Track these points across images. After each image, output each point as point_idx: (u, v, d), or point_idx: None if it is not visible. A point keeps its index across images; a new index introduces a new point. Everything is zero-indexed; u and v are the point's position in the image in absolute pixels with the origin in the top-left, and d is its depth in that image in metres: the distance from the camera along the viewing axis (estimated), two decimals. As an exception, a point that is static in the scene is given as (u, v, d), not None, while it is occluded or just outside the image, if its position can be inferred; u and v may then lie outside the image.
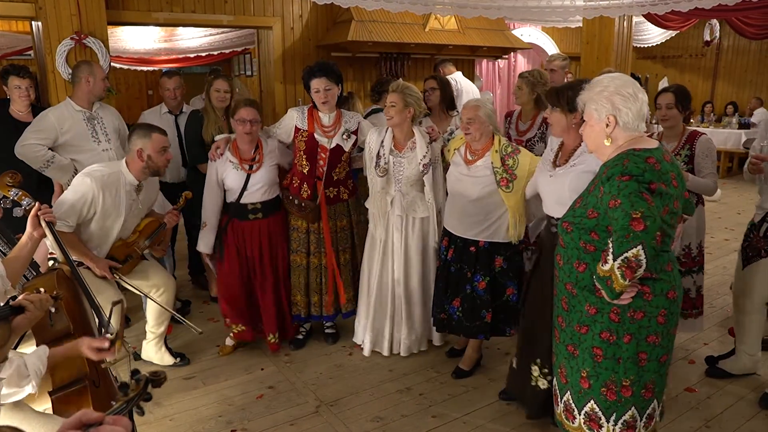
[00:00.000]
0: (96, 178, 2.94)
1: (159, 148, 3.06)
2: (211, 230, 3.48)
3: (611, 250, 1.86)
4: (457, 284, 3.22)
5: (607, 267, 1.89)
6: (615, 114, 1.98)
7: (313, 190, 3.48)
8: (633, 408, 2.07)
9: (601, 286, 1.94)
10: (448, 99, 4.04)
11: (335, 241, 3.57)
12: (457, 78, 5.51)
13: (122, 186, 3.04)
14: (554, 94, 2.59)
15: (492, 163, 3.06)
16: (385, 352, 3.53)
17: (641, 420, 2.10)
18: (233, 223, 3.47)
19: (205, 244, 3.51)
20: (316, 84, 3.30)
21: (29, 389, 1.86)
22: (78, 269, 2.55)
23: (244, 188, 3.39)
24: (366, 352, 3.57)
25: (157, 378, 1.20)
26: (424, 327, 3.58)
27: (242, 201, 3.42)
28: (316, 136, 3.40)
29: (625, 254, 1.83)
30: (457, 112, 4.12)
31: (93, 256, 2.99)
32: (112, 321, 2.30)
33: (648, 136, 2.15)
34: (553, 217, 2.65)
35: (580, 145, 2.55)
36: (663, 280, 1.99)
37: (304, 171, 3.47)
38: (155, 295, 3.31)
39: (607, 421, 2.09)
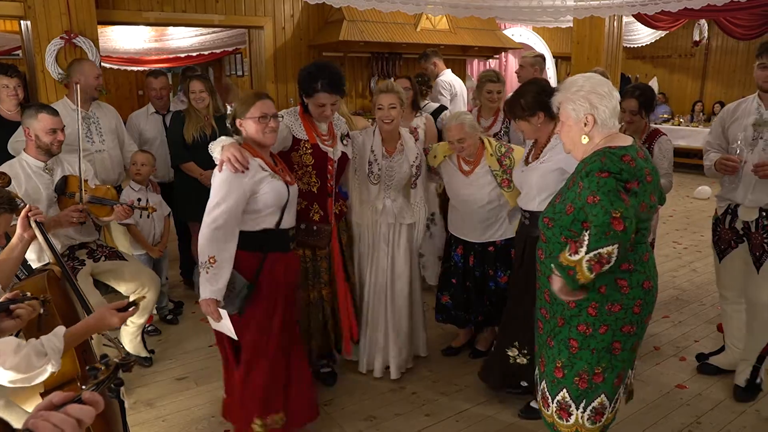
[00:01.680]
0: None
1: (47, 128, 2.96)
2: (227, 266, 2.29)
3: (586, 242, 1.88)
4: (483, 285, 3.31)
5: (576, 258, 1.90)
6: (593, 113, 2.03)
7: (325, 210, 2.97)
8: (603, 395, 2.12)
9: (562, 274, 1.95)
10: (416, 97, 4.05)
11: (343, 262, 3.11)
12: (452, 80, 5.35)
13: (29, 171, 3.00)
14: (508, 109, 2.74)
15: (489, 167, 3.11)
16: (378, 373, 3.29)
17: (610, 407, 2.15)
18: (274, 260, 2.45)
19: (217, 288, 2.27)
20: (324, 99, 2.78)
21: (49, 368, 1.75)
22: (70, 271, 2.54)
23: (286, 205, 2.47)
24: (362, 368, 3.33)
25: (126, 362, 1.20)
26: (411, 342, 3.36)
27: (282, 225, 2.49)
28: (321, 146, 2.90)
29: (600, 250, 1.85)
30: (421, 113, 4.09)
31: (50, 220, 2.83)
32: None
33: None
34: (524, 210, 2.80)
35: (549, 140, 2.70)
36: (638, 271, 2.04)
37: (313, 189, 2.91)
38: (139, 294, 3.30)
39: (577, 408, 2.14)
